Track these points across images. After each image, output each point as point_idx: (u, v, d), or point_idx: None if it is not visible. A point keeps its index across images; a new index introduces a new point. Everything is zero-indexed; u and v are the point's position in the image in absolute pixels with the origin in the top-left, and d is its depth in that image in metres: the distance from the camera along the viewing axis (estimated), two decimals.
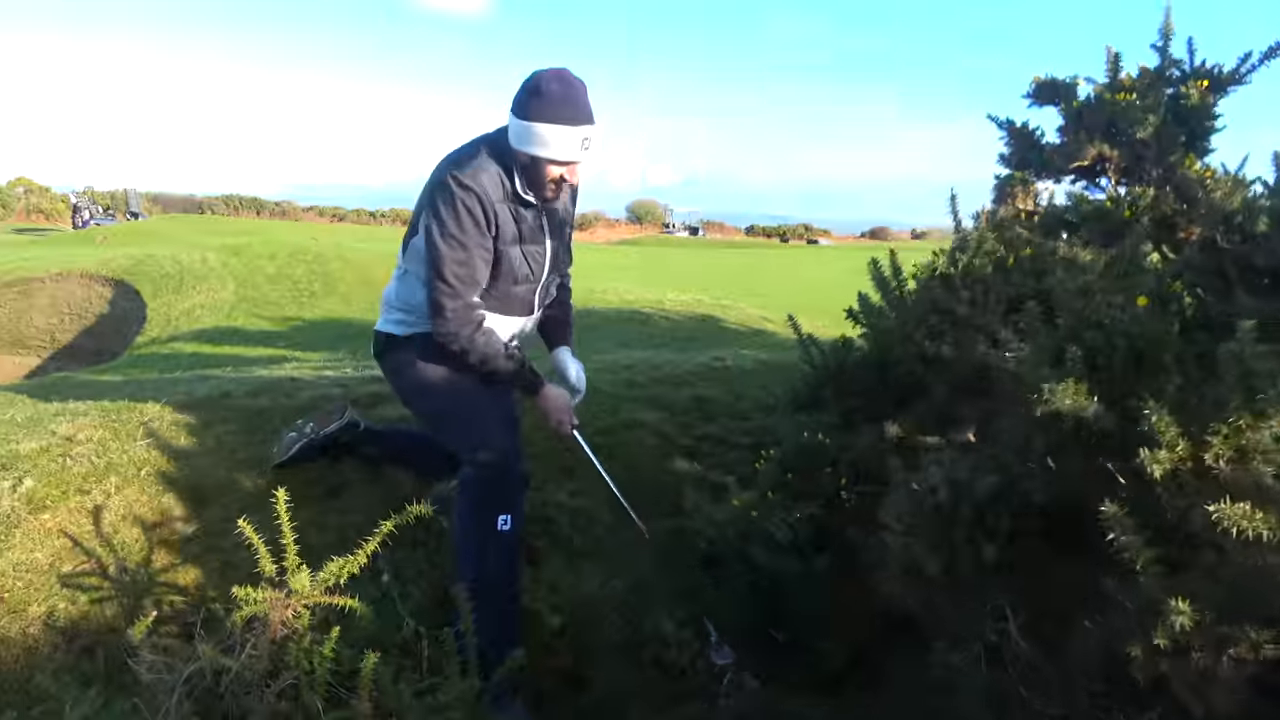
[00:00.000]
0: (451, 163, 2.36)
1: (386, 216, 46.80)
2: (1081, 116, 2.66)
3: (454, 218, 2.30)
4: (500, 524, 2.40)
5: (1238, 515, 1.25)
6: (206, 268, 11.21)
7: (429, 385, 2.58)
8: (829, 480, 2.68)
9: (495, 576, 2.40)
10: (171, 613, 2.43)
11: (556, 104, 2.23)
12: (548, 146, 2.27)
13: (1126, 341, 1.70)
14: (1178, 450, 1.38)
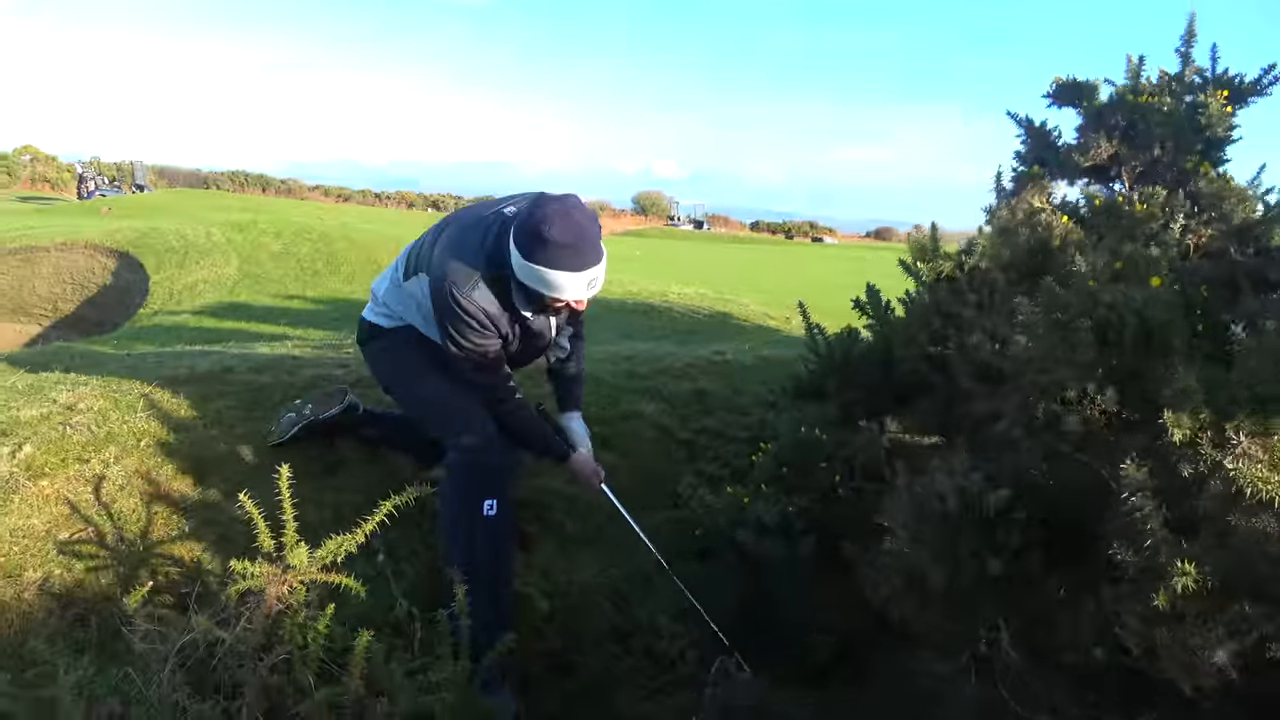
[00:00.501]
0: (453, 271, 2.32)
1: (391, 198, 46.81)
2: (1101, 116, 2.65)
3: (458, 330, 2.36)
4: (486, 509, 2.41)
5: (1256, 476, 1.26)
6: (211, 243, 11.20)
7: (410, 374, 2.64)
8: (823, 475, 2.69)
9: (484, 561, 2.41)
10: (167, 583, 2.44)
11: (565, 253, 2.19)
12: (555, 289, 2.26)
13: (1137, 320, 1.70)
14: (1201, 417, 1.39)
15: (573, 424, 2.79)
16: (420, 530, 2.81)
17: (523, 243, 2.22)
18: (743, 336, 6.40)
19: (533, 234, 2.19)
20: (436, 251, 2.42)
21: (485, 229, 2.36)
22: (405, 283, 2.58)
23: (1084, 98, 2.73)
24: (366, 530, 1.99)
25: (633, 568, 2.91)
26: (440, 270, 2.34)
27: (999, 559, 1.86)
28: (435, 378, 2.58)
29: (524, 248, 2.22)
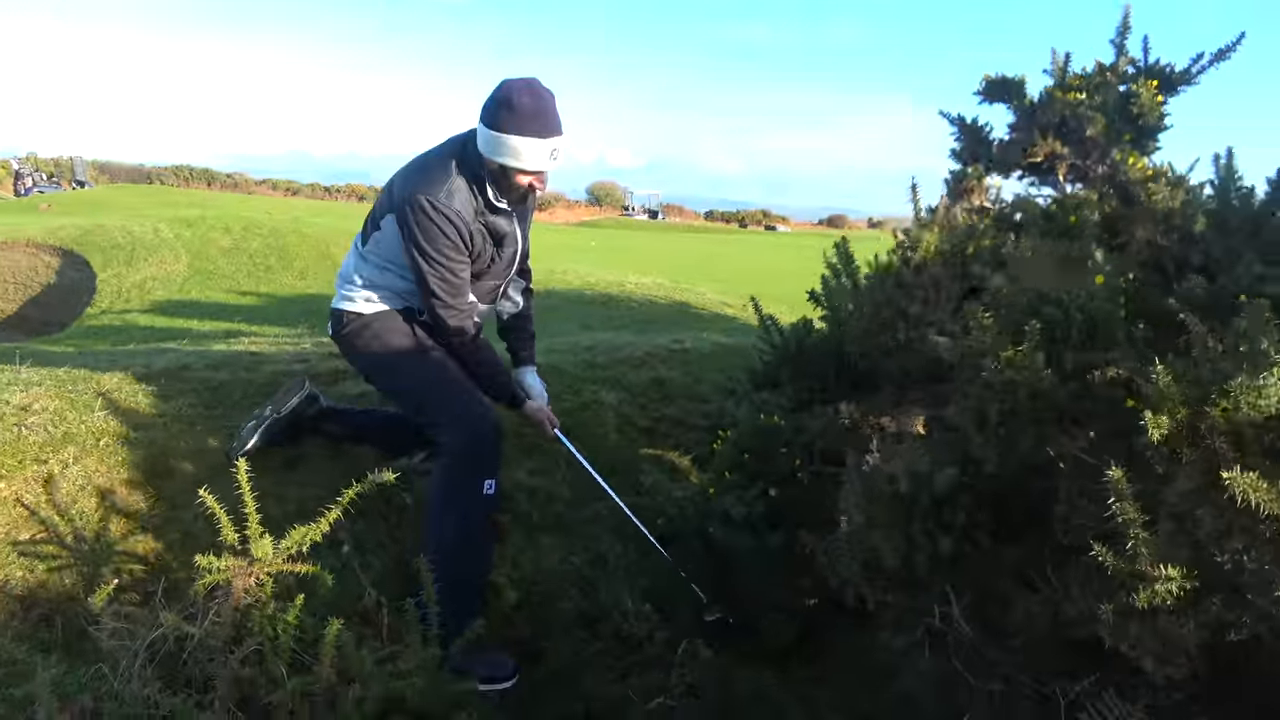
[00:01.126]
0: (423, 182, 2.39)
1: (341, 191, 46.14)
2: (1034, 114, 2.74)
3: (431, 242, 2.40)
4: (486, 488, 2.48)
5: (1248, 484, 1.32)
6: (159, 239, 10.97)
7: (398, 361, 2.63)
8: (784, 461, 2.76)
9: (475, 542, 2.50)
10: (131, 581, 2.43)
11: (528, 117, 2.30)
12: (519, 157, 2.35)
13: (1083, 316, 1.78)
14: (1179, 416, 1.46)
15: (528, 378, 2.87)
16: (386, 523, 2.84)
17: (490, 112, 2.33)
18: (700, 325, 6.48)
19: (501, 103, 2.30)
20: (396, 188, 2.47)
21: (440, 150, 2.47)
22: (366, 247, 2.61)
23: (1013, 95, 2.82)
24: (330, 519, 2.02)
25: (596, 554, 2.96)
26: (408, 191, 2.40)
27: (949, 537, 1.94)
28: (425, 362, 2.61)
29: (490, 116, 2.32)
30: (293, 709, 1.80)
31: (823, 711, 2.40)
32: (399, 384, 2.71)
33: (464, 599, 2.35)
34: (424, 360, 2.62)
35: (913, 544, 1.91)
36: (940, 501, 1.92)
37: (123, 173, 41.34)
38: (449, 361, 2.63)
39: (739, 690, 2.40)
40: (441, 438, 2.51)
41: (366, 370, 2.79)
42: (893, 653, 2.33)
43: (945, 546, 1.90)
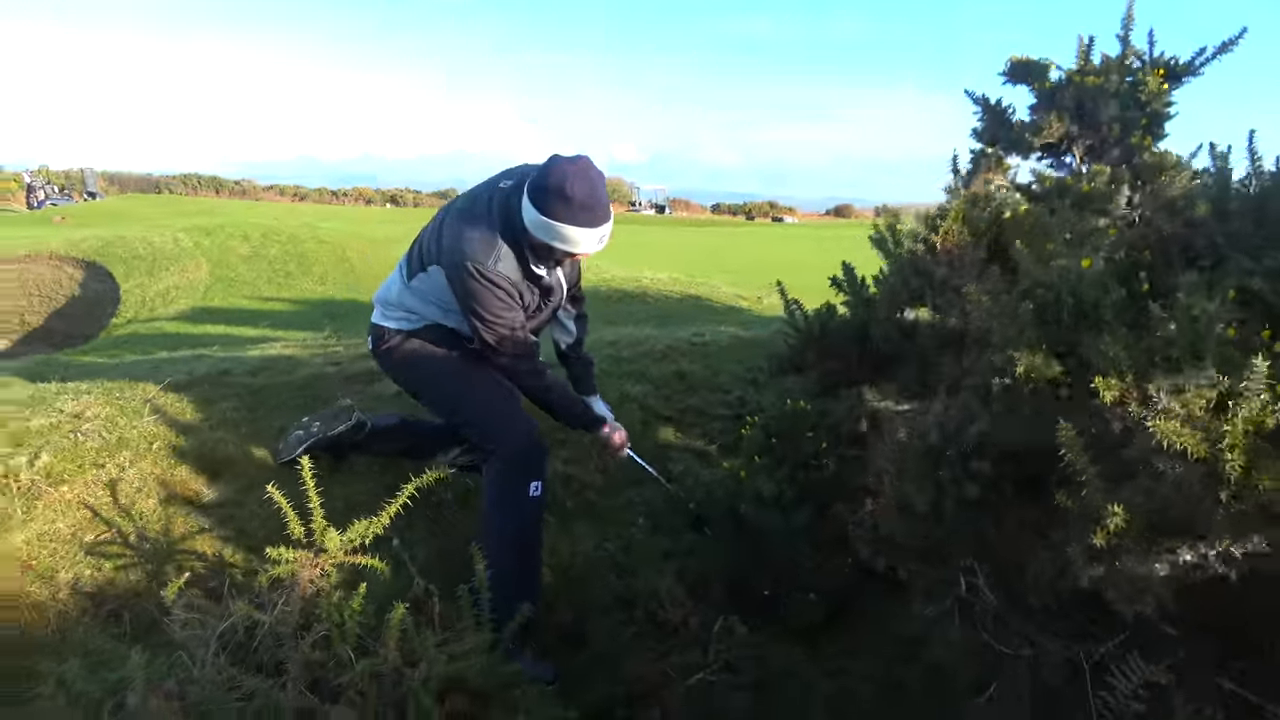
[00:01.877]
0: (471, 247, 2.45)
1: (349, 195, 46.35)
2: (1054, 96, 2.83)
3: (484, 305, 2.50)
4: (533, 490, 2.60)
5: (1172, 431, 1.45)
6: (179, 248, 11.15)
7: (442, 375, 2.73)
8: (810, 444, 2.86)
9: (527, 539, 2.62)
10: (194, 578, 2.55)
11: (580, 206, 2.37)
12: (570, 243, 2.43)
13: (1073, 300, 1.88)
14: (1126, 380, 1.58)
15: (597, 405, 3.01)
16: (428, 518, 2.96)
17: (541, 200, 2.38)
18: (717, 318, 6.58)
19: (553, 192, 2.35)
20: (445, 240, 2.54)
21: (487, 204, 2.51)
22: (412, 282, 2.68)
23: (1035, 77, 2.90)
24: (390, 513, 2.13)
25: (629, 539, 3.07)
26: (456, 254, 2.47)
27: (975, 484, 2.03)
28: (469, 375, 2.72)
29: (542, 204, 2.38)
30: (362, 689, 1.91)
31: (854, 683, 2.51)
32: (445, 397, 2.79)
33: (518, 589, 2.46)
34: (468, 373, 2.72)
35: (941, 490, 2.01)
36: (967, 454, 2.02)
37: (132, 182, 41.68)
38: (491, 372, 2.73)
39: (773, 665, 2.50)
40: (491, 446, 2.62)
41: (411, 386, 2.86)
42: (922, 623, 2.44)
43: (971, 492, 2.00)
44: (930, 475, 2.02)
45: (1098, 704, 1.92)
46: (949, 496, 1.99)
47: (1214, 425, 1.48)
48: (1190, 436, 1.48)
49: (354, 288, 10.03)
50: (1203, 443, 1.48)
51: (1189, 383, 1.53)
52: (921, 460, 2.05)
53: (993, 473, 2.00)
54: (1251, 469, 1.45)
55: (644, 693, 2.39)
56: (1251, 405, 1.45)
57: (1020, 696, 2.17)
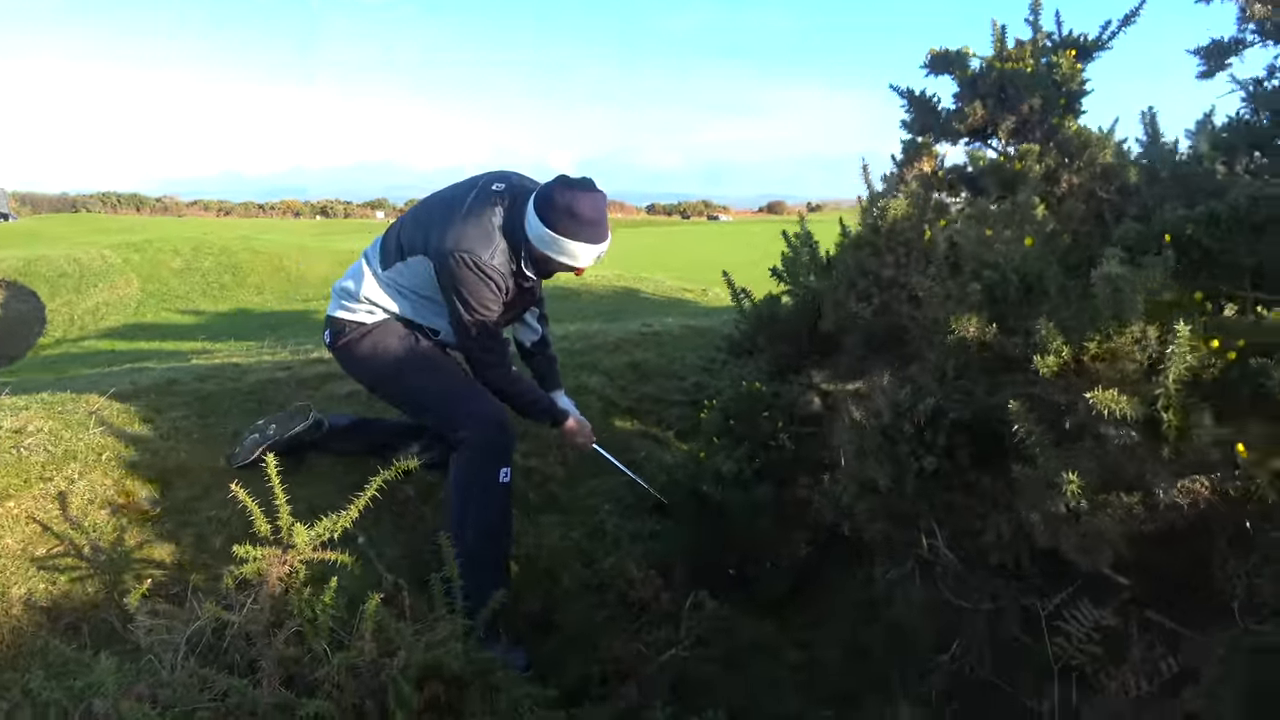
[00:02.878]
0: (469, 239, 2.53)
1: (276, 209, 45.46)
2: (975, 84, 2.94)
3: (474, 295, 2.57)
4: (502, 477, 2.64)
5: (1109, 400, 1.54)
6: (107, 265, 10.81)
7: (405, 367, 2.74)
8: (766, 424, 2.93)
9: (497, 526, 2.65)
10: (154, 586, 2.50)
11: (587, 225, 2.51)
12: (572, 258, 2.56)
13: (1018, 277, 1.97)
14: (1063, 354, 1.67)
15: (561, 400, 3.04)
16: (393, 514, 2.94)
17: (549, 215, 2.49)
18: (664, 311, 6.64)
19: (561, 209, 2.48)
20: (437, 232, 2.57)
21: (488, 203, 2.59)
22: (387, 272, 2.70)
23: (956, 67, 3.01)
24: (359, 507, 2.13)
25: (594, 527, 3.10)
26: (451, 244, 2.52)
27: (932, 455, 2.11)
28: (432, 366, 2.74)
29: (549, 220, 2.49)
30: (339, 682, 1.91)
31: (821, 650, 2.58)
32: (408, 389, 2.80)
33: (488, 576, 2.48)
34: (431, 363, 2.74)
35: (901, 465, 2.08)
36: (921, 428, 2.10)
37: (46, 203, 40.26)
38: (452, 362, 2.77)
39: (743, 637, 2.56)
40: (460, 434, 2.64)
41: (372, 380, 2.86)
42: (884, 585, 2.51)
43: (929, 464, 2.07)
44: (889, 451, 2.09)
45: (1055, 649, 2.02)
46: (909, 471, 2.07)
47: (1147, 388, 1.57)
48: (1126, 402, 1.56)
49: (293, 297, 9.86)
50: (1139, 406, 1.56)
51: (1122, 349, 1.62)
52: (879, 438, 2.12)
53: (948, 444, 2.08)
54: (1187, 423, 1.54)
55: (619, 671, 2.42)
56: (1178, 366, 1.54)
57: (981, 649, 2.26)
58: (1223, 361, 1.58)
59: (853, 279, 2.63)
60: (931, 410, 2.05)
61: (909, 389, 2.10)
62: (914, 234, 2.50)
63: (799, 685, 2.45)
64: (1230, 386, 1.58)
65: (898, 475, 2.05)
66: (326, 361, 3.94)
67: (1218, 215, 1.87)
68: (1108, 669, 1.93)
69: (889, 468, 2.06)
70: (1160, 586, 2.09)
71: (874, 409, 2.12)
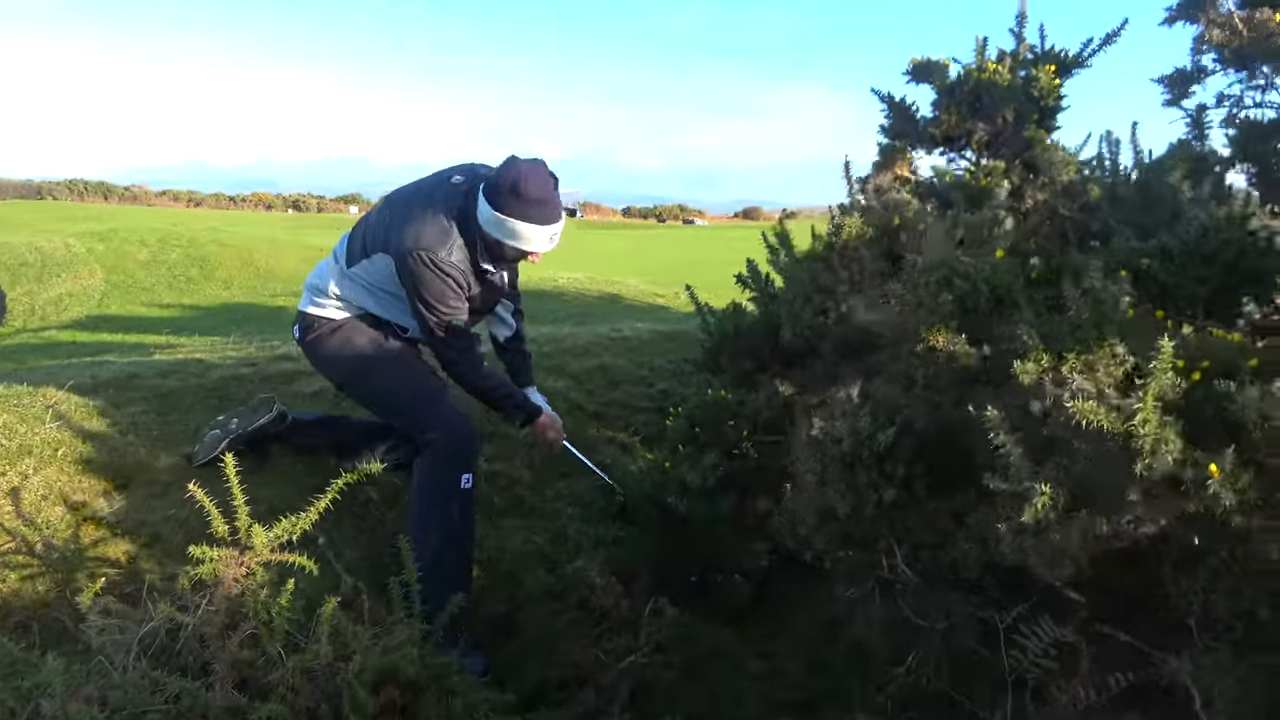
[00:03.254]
0: (425, 237, 2.50)
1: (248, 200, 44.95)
2: (953, 92, 2.97)
3: (434, 294, 2.53)
4: (464, 482, 2.62)
5: (1089, 410, 1.56)
6: (71, 254, 10.61)
7: (374, 366, 2.72)
8: (731, 433, 2.94)
9: (459, 530, 2.62)
10: (108, 585, 2.46)
11: (534, 204, 2.45)
12: (521, 240, 2.50)
13: (989, 288, 2.00)
14: (1042, 363, 1.69)
15: (534, 397, 3.02)
16: (354, 516, 2.92)
17: (495, 198, 2.44)
18: (635, 315, 6.65)
19: (508, 190, 2.42)
20: (397, 229, 2.54)
21: (443, 197, 2.55)
22: (352, 269, 2.67)
23: (936, 76, 3.05)
24: (320, 509, 2.12)
25: (557, 532, 3.10)
26: (409, 242, 2.49)
27: (892, 487, 2.14)
28: (401, 366, 2.72)
29: (496, 202, 2.44)
30: (293, 685, 1.89)
31: (780, 661, 2.60)
32: (376, 388, 2.77)
33: (449, 580, 2.47)
34: (400, 364, 2.73)
35: (860, 496, 2.10)
36: (882, 456, 2.12)
37: (10, 189, 39.48)
38: (423, 365, 2.76)
39: (703, 646, 2.57)
40: (426, 437, 2.62)
41: (340, 377, 2.83)
42: (845, 603, 2.53)
43: (889, 495, 2.10)
44: (849, 481, 2.11)
45: (1010, 662, 2.05)
46: (868, 502, 2.09)
47: (1125, 402, 1.59)
48: (1105, 414, 1.58)
49: (261, 291, 9.74)
50: (1117, 419, 1.58)
51: (1099, 361, 1.64)
52: (840, 466, 2.14)
53: (905, 473, 2.11)
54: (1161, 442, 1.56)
55: (578, 677, 2.42)
56: (1160, 382, 1.57)
57: (938, 662, 2.29)
58: (1188, 382, 1.61)
59: (808, 294, 2.64)
60: (892, 439, 2.07)
61: (868, 417, 2.11)
62: (869, 252, 2.52)
63: (759, 694, 2.47)
64: (1195, 407, 1.62)
65: (857, 504, 2.07)
66: (293, 359, 3.90)
67: (1170, 250, 1.91)
68: (1059, 682, 1.96)
69: (850, 497, 2.08)
70: (1115, 602, 2.14)
71: (835, 434, 2.13)
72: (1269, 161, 2.51)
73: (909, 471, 2.17)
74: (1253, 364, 1.58)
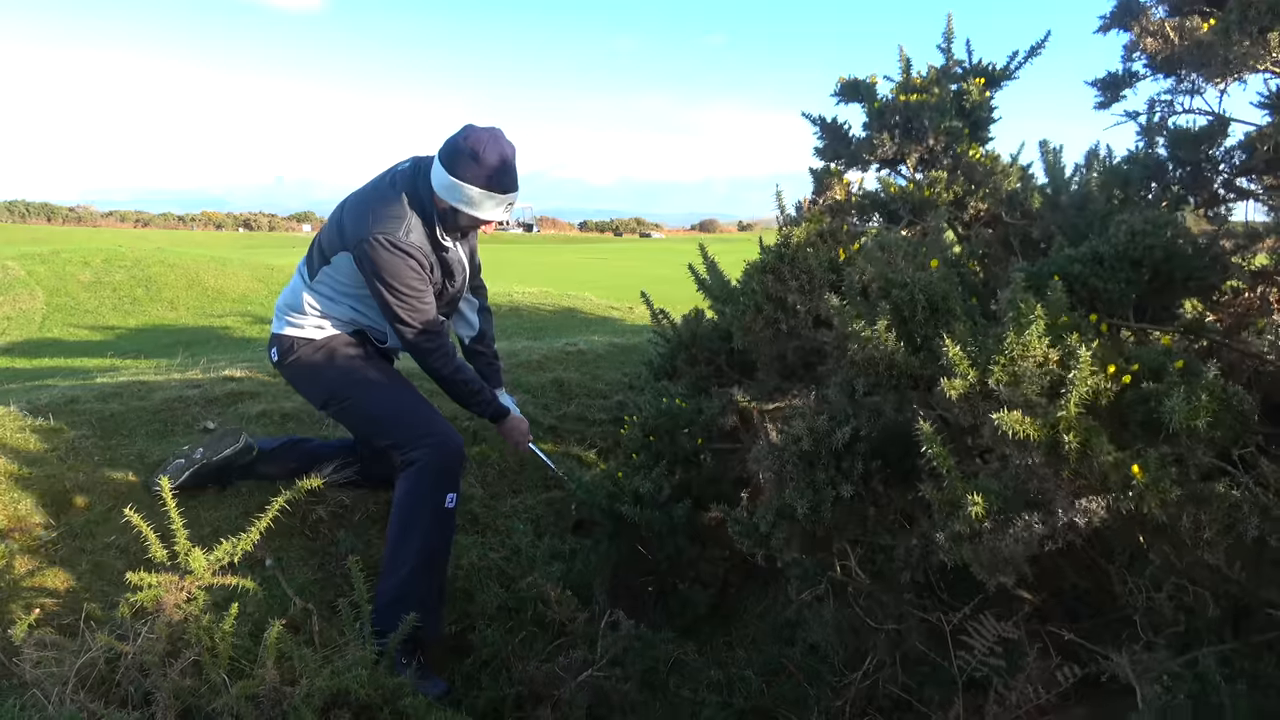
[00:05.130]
0: (379, 220, 2.45)
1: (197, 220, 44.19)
2: (883, 115, 3.02)
3: (396, 277, 2.47)
4: (448, 502, 2.57)
5: (1014, 422, 1.59)
6: (9, 277, 10.30)
7: (359, 383, 2.66)
8: (686, 441, 2.94)
9: (438, 552, 2.57)
10: (44, 615, 2.39)
11: (493, 172, 2.40)
12: (477, 207, 2.45)
13: (925, 297, 2.03)
14: (969, 378, 1.71)
15: (502, 397, 2.99)
16: (304, 537, 2.86)
17: (452, 161, 2.40)
18: (591, 328, 6.64)
19: (465, 153, 2.38)
20: (349, 224, 2.51)
21: (393, 182, 2.52)
22: (315, 282, 2.63)
23: (865, 97, 3.09)
24: (261, 528, 2.08)
25: (513, 548, 3.06)
26: (364, 229, 2.44)
27: (849, 483, 2.16)
28: (388, 383, 2.67)
29: (452, 166, 2.40)
30: (238, 713, 1.84)
31: (738, 670, 2.60)
32: (362, 406, 2.69)
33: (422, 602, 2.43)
34: (387, 381, 2.68)
35: (819, 493, 2.11)
36: (839, 454, 2.14)
37: None
38: (406, 384, 2.72)
39: (661, 657, 2.56)
40: (412, 455, 2.56)
41: (322, 397, 2.73)
42: (799, 606, 2.55)
43: (846, 491, 2.11)
44: (809, 478, 2.13)
45: (959, 662, 2.07)
46: (826, 499, 2.10)
47: (1050, 410, 1.62)
48: (1030, 424, 1.61)
49: (208, 312, 9.54)
50: (1042, 428, 1.61)
51: (1025, 373, 1.67)
52: (800, 464, 2.15)
53: (863, 469, 2.13)
54: (1087, 446, 1.59)
55: (534, 694, 2.39)
56: (1080, 390, 1.60)
57: (892, 666, 2.31)
58: (1118, 385, 1.64)
59: (759, 304, 2.66)
60: (849, 437, 2.09)
61: (825, 416, 2.13)
62: (817, 262, 2.55)
63: (717, 704, 2.46)
64: (1125, 409, 1.65)
65: (816, 503, 2.09)
66: (237, 380, 3.83)
67: (1101, 254, 1.96)
68: (1007, 680, 1.99)
69: (809, 495, 2.09)
70: (1061, 600, 2.18)
71: (793, 434, 2.15)
72: (1200, 167, 2.59)
73: (866, 468, 2.19)
74: (1179, 365, 1.62)
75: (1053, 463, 1.66)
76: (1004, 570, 1.70)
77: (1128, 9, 2.68)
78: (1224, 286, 2.18)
